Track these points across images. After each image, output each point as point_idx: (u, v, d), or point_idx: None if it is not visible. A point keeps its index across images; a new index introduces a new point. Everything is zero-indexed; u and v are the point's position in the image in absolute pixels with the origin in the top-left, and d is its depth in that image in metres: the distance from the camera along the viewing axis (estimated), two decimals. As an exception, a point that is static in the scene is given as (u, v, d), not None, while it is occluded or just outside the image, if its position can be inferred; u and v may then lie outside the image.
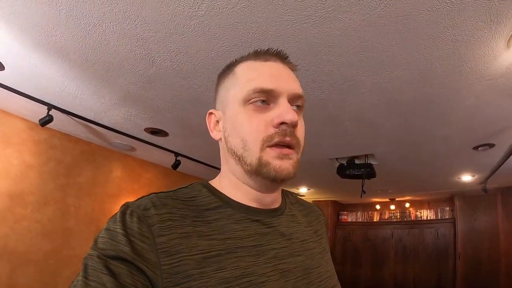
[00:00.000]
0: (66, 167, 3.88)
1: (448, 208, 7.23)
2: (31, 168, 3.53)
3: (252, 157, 0.71)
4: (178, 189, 0.76)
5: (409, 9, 1.68)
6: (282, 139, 0.70)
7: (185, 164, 4.56)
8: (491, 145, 3.60)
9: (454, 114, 2.88)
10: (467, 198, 6.80)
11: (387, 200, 8.01)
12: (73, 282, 0.58)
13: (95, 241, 0.61)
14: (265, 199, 0.78)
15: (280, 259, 0.71)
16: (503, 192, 6.11)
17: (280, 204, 0.85)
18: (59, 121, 3.32)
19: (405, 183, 5.93)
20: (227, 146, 0.77)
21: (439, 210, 7.37)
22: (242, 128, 0.72)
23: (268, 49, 0.78)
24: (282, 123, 0.69)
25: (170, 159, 4.32)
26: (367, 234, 8.08)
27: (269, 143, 0.70)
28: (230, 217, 0.72)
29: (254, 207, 0.76)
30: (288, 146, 0.71)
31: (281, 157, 0.70)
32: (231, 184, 0.78)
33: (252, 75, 0.74)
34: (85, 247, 3.50)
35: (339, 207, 8.63)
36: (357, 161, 4.23)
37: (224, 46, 2.00)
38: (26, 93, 2.81)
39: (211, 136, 0.82)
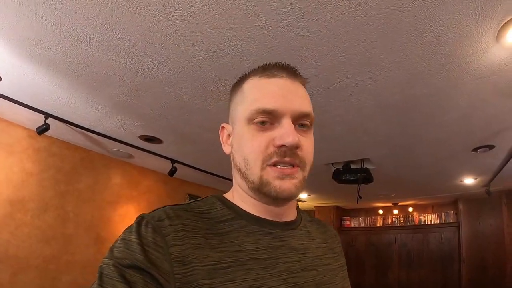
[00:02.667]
0: (66, 174, 3.93)
1: (452, 212, 7.21)
2: (32, 176, 3.58)
3: (253, 176, 0.72)
4: (192, 202, 0.77)
5: (385, 7, 1.64)
6: (281, 159, 0.70)
7: (182, 171, 4.60)
8: (491, 147, 3.57)
9: (447, 115, 2.84)
10: (471, 201, 6.77)
11: (390, 204, 7.99)
12: None
13: (111, 250, 0.63)
14: (275, 211, 0.78)
15: (291, 273, 0.71)
16: (508, 195, 6.08)
17: (295, 219, 0.85)
18: (57, 129, 3.39)
19: (406, 187, 5.89)
20: (233, 162, 0.79)
21: (443, 214, 7.34)
22: (244, 147, 0.73)
23: (275, 64, 0.78)
24: (282, 145, 0.69)
25: (168, 166, 4.36)
26: (370, 239, 8.07)
27: (268, 162, 0.70)
28: (243, 229, 0.73)
29: (267, 219, 0.77)
30: (291, 165, 0.71)
31: (282, 177, 0.70)
32: (241, 197, 0.79)
33: (256, 95, 0.74)
34: (84, 253, 3.53)
35: (342, 213, 8.61)
36: (353, 166, 4.23)
37: (203, 53, 2.04)
38: (24, 102, 2.88)
39: (204, 144, 0.86)
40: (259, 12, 1.70)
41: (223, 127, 0.86)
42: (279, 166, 0.71)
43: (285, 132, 0.69)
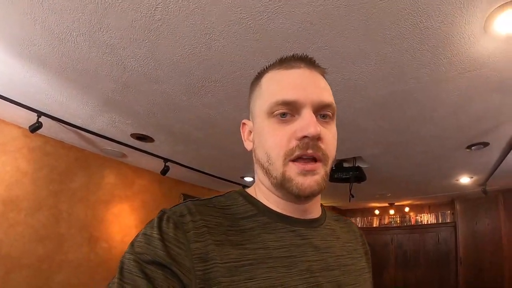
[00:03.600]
0: (60, 174, 3.93)
1: (449, 212, 7.22)
2: (26, 175, 3.60)
3: (276, 171, 0.71)
4: (214, 197, 0.77)
5: None
6: (304, 152, 0.68)
7: (176, 170, 4.63)
8: (485, 144, 3.54)
9: (438, 111, 2.81)
10: (467, 201, 6.78)
11: (386, 204, 7.99)
12: (109, 284, 0.59)
13: (132, 245, 0.63)
14: (298, 209, 0.77)
15: (313, 272, 0.70)
16: (505, 194, 6.07)
17: (319, 216, 0.84)
18: (51, 128, 3.41)
19: (402, 186, 5.89)
20: (255, 158, 0.78)
21: (439, 214, 7.35)
22: (266, 141, 0.72)
23: (293, 55, 0.77)
24: (304, 136, 0.68)
25: (162, 165, 4.37)
26: (367, 240, 7.92)
27: (291, 157, 0.69)
28: (265, 226, 0.72)
29: (290, 216, 0.76)
30: (314, 159, 0.70)
31: (304, 173, 0.69)
32: (263, 193, 0.78)
33: (274, 87, 0.74)
34: (78, 252, 3.53)
35: (338, 213, 8.44)
36: (345, 165, 4.23)
37: (186, 48, 2.05)
38: (16, 100, 2.90)
39: (195, 143, 0.86)
40: (238, 5, 1.70)
41: (244, 124, 0.85)
42: (301, 162, 0.69)
43: (306, 123, 0.68)
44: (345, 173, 4.13)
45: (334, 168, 4.20)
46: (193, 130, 3.38)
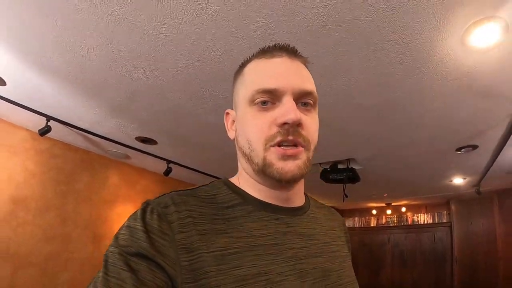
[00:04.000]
0: (66, 175, 4.02)
1: (445, 212, 7.22)
2: (34, 176, 3.69)
3: (258, 157, 0.71)
4: (199, 187, 0.77)
5: (347, 18, 1.76)
6: (285, 138, 0.69)
7: (177, 171, 4.73)
8: (474, 147, 3.61)
9: (424, 116, 2.91)
10: (462, 201, 6.78)
11: (383, 204, 8.01)
12: (94, 278, 0.59)
13: (116, 238, 0.62)
14: (281, 196, 0.77)
15: (298, 259, 0.70)
16: (499, 194, 6.07)
17: (303, 204, 0.84)
18: (59, 131, 3.53)
19: (397, 187, 5.94)
20: (237, 145, 0.79)
21: (436, 214, 7.35)
22: (247, 128, 0.73)
23: (275, 45, 0.77)
24: (285, 123, 0.68)
25: (164, 166, 4.47)
26: (363, 239, 8.06)
27: (272, 143, 0.69)
28: (250, 215, 0.72)
29: (274, 204, 0.76)
30: (295, 144, 0.70)
31: (285, 158, 0.69)
32: (247, 181, 0.78)
33: (256, 76, 0.74)
34: (83, 251, 3.70)
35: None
36: (340, 166, 4.32)
37: (188, 62, 2.20)
38: (27, 105, 3.02)
39: (197, 145, 0.95)
40: (235, 26, 1.86)
41: (227, 113, 0.86)
42: (282, 147, 0.69)
43: (286, 110, 0.68)
44: (339, 174, 4.21)
45: (328, 169, 4.32)
46: (195, 134, 3.50)
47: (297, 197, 0.82)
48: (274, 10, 1.74)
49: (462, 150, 3.72)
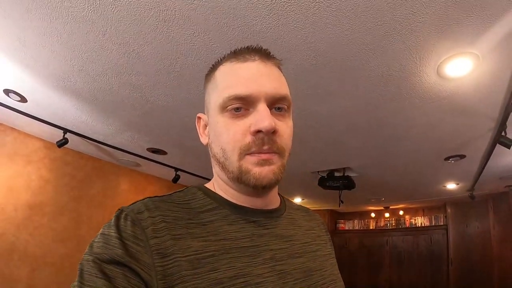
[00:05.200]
0: (79, 181, 4.19)
1: (442, 214, 7.24)
2: (48, 183, 3.87)
3: (232, 166, 0.69)
4: (173, 193, 0.75)
5: (336, 56, 1.99)
6: (260, 148, 0.67)
7: (185, 178, 4.90)
8: (462, 156, 3.72)
9: (410, 131, 3.08)
10: (458, 205, 6.81)
11: (382, 208, 8.03)
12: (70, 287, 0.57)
13: (91, 246, 0.61)
14: (257, 202, 0.76)
15: (277, 261, 0.69)
16: (494, 198, 6.12)
17: (279, 206, 0.82)
18: (73, 141, 3.69)
19: (393, 192, 6.00)
20: (211, 152, 0.76)
21: (433, 217, 7.38)
22: (221, 137, 0.70)
23: (247, 47, 0.74)
24: (259, 131, 0.66)
25: (172, 173, 4.68)
26: (363, 242, 8.10)
27: (247, 152, 0.68)
28: (225, 218, 0.70)
29: (250, 207, 0.74)
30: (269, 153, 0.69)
31: (261, 163, 0.68)
32: (221, 187, 0.77)
33: (228, 81, 0.71)
34: (96, 251, 3.91)
35: (337, 216, 8.65)
36: (337, 174, 4.48)
37: (199, 89, 2.44)
38: (45, 119, 3.20)
39: (204, 154, 0.88)
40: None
41: (199, 118, 0.83)
42: (256, 154, 0.68)
43: (261, 117, 0.66)
44: (335, 181, 4.39)
45: (325, 177, 4.49)
46: (201, 145, 3.61)
47: (272, 199, 0.81)
48: (272, 51, 1.96)
49: (451, 159, 3.83)
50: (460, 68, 2.07)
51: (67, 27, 1.84)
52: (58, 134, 3.41)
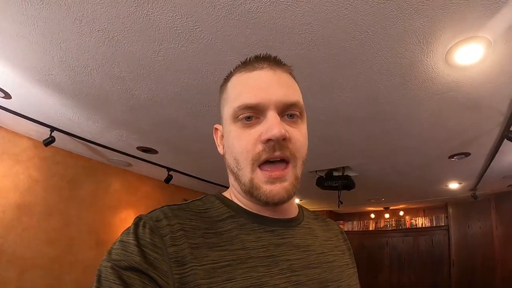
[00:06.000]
0: (69, 181, 4.11)
1: (443, 215, 7.15)
2: (37, 182, 3.79)
3: (245, 177, 0.70)
4: (191, 201, 0.76)
5: (333, 41, 1.85)
6: (271, 155, 0.67)
7: (178, 178, 4.82)
8: (467, 154, 3.64)
9: (414, 127, 2.96)
10: (460, 205, 6.74)
11: (382, 208, 7.97)
12: None
13: (109, 252, 0.62)
14: (272, 212, 0.76)
15: (293, 271, 0.68)
16: (496, 198, 6.04)
17: (297, 215, 0.83)
18: (62, 140, 3.61)
19: (393, 192, 5.94)
20: (226, 162, 0.77)
21: (434, 217, 7.29)
22: (233, 147, 0.71)
23: (256, 56, 0.76)
24: (269, 139, 0.67)
25: (165, 173, 4.55)
26: (362, 243, 8.01)
27: (259, 162, 0.68)
28: (243, 227, 0.71)
29: (267, 216, 0.75)
30: (282, 160, 0.69)
31: (272, 181, 0.68)
32: (237, 196, 0.77)
33: (238, 91, 0.72)
34: (87, 254, 3.86)
35: (336, 217, 8.53)
36: (335, 173, 4.38)
37: (185, 81, 2.31)
38: (31, 117, 3.11)
39: (196, 153, 0.89)
40: (227, 49, 1.97)
41: (216, 129, 0.84)
42: (268, 170, 0.68)
43: (270, 126, 0.66)
44: (334, 181, 4.28)
45: (324, 176, 4.38)
46: (193, 143, 3.59)
47: (289, 209, 0.81)
48: (264, 36, 1.86)
49: (455, 157, 3.76)
50: (470, 55, 1.93)
51: (42, 13, 1.73)
52: (46, 133, 3.34)
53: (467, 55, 1.93)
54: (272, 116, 0.68)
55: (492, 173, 4.29)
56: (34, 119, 3.16)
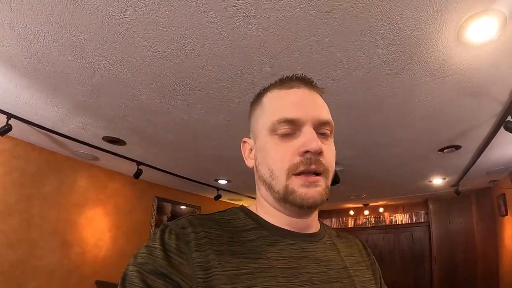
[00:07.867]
0: (31, 177, 3.87)
1: (423, 211, 7.42)
2: None
3: (279, 185, 0.73)
4: (215, 212, 0.79)
5: (338, 3, 1.64)
6: (308, 167, 0.71)
7: (149, 173, 4.68)
8: (457, 147, 3.66)
9: (411, 115, 2.89)
10: (440, 201, 6.97)
11: (361, 205, 8.13)
12: None
13: (135, 257, 0.64)
14: (298, 224, 0.79)
15: (313, 284, 0.70)
16: (477, 194, 6.28)
17: (319, 231, 0.85)
18: (21, 131, 3.37)
19: (376, 188, 6.01)
20: (258, 174, 0.80)
21: (413, 214, 7.54)
22: (269, 157, 0.74)
23: (292, 76, 0.80)
24: (307, 151, 0.70)
25: (135, 167, 4.37)
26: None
27: (295, 172, 0.71)
28: (266, 239, 0.74)
29: (290, 230, 0.77)
30: (315, 173, 0.72)
31: (307, 184, 0.71)
32: (265, 209, 0.80)
33: (277, 105, 0.77)
34: (51, 257, 3.49)
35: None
36: None
37: (157, 52, 2.04)
38: None
39: (168, 145, 0.84)
40: (209, 8, 1.69)
41: (244, 142, 0.87)
42: (304, 175, 0.71)
43: (309, 139, 0.70)
44: None
45: None
46: (166, 133, 3.39)
47: (312, 223, 0.83)
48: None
49: (445, 150, 3.79)
50: (483, 32, 1.82)
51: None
52: (3, 121, 3.06)
53: (481, 31, 1.83)
54: (309, 131, 0.72)
55: (478, 168, 4.38)
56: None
